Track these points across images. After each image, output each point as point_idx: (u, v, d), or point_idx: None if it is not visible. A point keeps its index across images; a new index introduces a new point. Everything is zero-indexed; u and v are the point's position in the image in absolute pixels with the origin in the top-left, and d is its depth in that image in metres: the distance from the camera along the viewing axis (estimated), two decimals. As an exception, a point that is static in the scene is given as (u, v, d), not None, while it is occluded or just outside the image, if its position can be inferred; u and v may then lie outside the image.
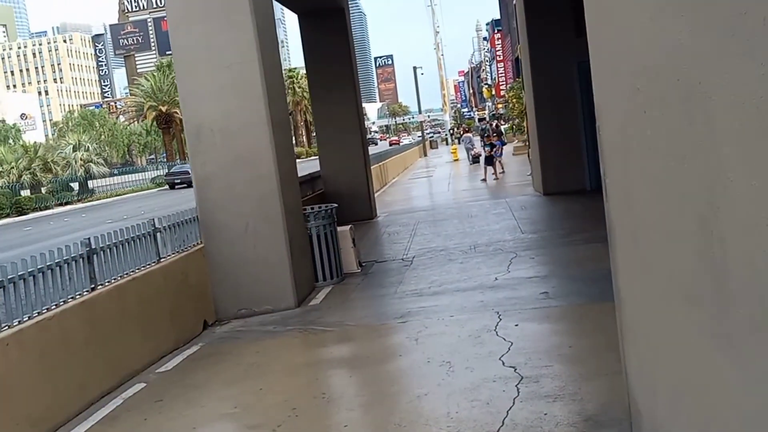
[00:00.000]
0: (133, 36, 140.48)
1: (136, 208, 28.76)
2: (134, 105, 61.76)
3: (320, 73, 13.63)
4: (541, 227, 10.24)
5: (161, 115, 57.60)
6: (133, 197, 42.62)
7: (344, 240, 8.93)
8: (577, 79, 13.23)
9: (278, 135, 7.29)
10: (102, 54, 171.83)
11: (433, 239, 10.46)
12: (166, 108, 56.98)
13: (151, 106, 57.41)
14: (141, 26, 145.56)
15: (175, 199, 29.07)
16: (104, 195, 45.71)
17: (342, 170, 13.81)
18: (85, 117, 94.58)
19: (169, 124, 58.64)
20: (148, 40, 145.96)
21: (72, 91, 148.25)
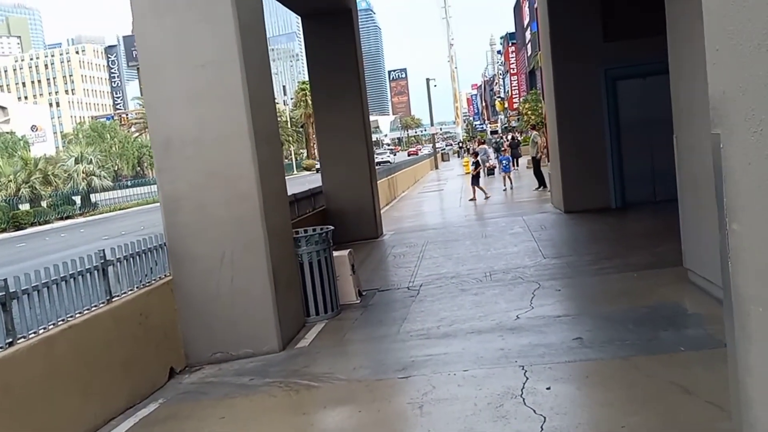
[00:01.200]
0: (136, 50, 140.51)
1: (137, 222, 27.85)
2: (142, 117, 61.20)
3: (324, 80, 12.61)
4: (564, 251, 9.10)
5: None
6: (137, 211, 41.77)
7: (342, 267, 7.84)
8: (604, 86, 12.13)
9: (263, 148, 6.23)
10: (114, 65, 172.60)
11: (443, 263, 9.34)
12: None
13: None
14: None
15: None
16: (107, 209, 44.94)
17: (346, 185, 12.76)
18: (95, 129, 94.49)
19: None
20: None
21: (84, 103, 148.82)
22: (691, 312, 5.51)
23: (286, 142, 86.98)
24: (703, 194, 5.79)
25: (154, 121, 6.12)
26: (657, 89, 12.24)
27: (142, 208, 44.30)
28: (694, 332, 4.98)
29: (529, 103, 42.82)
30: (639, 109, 12.21)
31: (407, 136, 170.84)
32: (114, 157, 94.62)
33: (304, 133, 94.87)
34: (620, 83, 12.21)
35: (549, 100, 13.27)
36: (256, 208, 6.00)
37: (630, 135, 12.23)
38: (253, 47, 6.35)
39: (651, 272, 7.14)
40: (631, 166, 12.25)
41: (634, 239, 9.21)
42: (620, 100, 12.24)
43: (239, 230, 6.03)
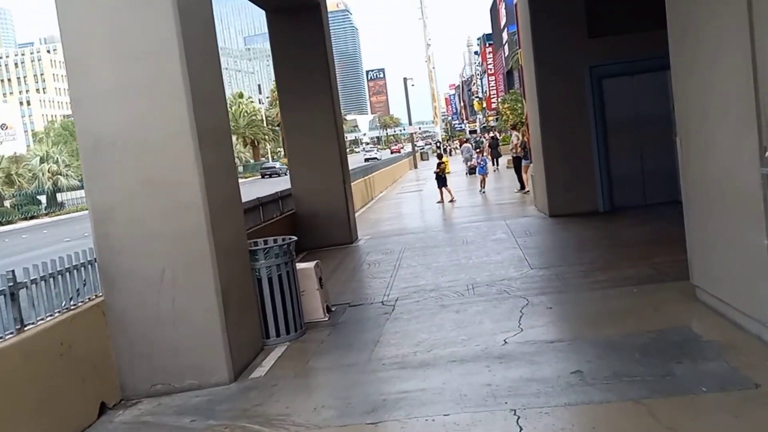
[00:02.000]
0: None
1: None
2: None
3: (292, 78, 11.75)
4: (553, 260, 8.36)
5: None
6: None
7: (307, 280, 7.01)
8: (590, 85, 11.45)
9: (209, 150, 5.38)
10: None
11: (421, 274, 8.55)
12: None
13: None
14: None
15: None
16: (74, 208, 43.45)
17: (317, 187, 11.92)
18: (66, 128, 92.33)
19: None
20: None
21: (56, 102, 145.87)
22: (706, 339, 4.77)
23: (263, 141, 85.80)
24: (717, 203, 5.07)
25: (81, 120, 5.22)
26: (645, 88, 11.63)
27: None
28: (714, 366, 4.24)
29: (509, 103, 42.34)
30: (626, 108, 11.58)
31: (386, 135, 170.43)
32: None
33: (280, 132, 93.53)
34: (606, 81, 11.55)
35: (531, 100, 12.57)
36: (201, 218, 5.14)
37: (617, 135, 11.58)
38: (197, 35, 5.49)
39: (652, 287, 6.42)
40: (619, 168, 11.60)
41: (627, 247, 8.50)
42: (607, 99, 11.58)
43: (181, 244, 5.17)
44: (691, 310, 5.51)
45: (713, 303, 5.35)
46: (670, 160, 11.52)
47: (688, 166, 5.67)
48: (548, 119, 11.71)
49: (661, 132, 11.45)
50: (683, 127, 5.68)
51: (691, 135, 5.52)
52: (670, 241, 8.62)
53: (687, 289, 5.99)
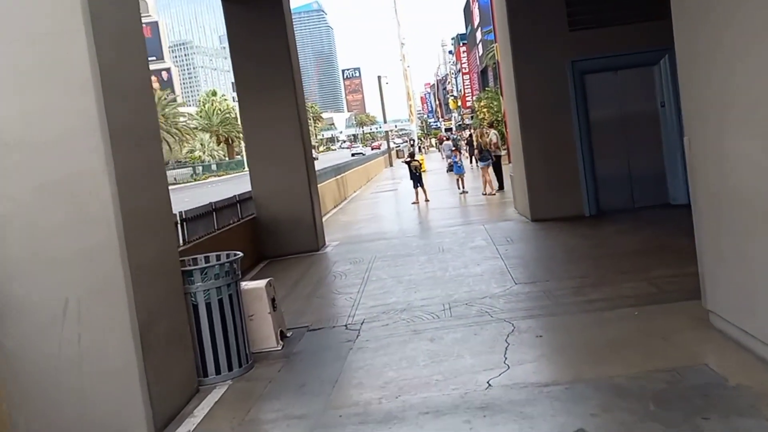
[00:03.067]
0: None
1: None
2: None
3: (251, 71, 10.73)
4: (539, 274, 7.48)
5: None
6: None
7: (257, 303, 6.04)
8: (572, 81, 10.62)
9: (127, 151, 4.39)
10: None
11: (392, 289, 7.62)
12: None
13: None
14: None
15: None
16: None
17: (279, 190, 10.93)
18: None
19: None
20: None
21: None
22: (733, 384, 3.91)
23: (237, 138, 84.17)
24: (741, 217, 4.21)
25: (-39, 112, 4.18)
26: (630, 84, 10.82)
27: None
28: (752, 425, 3.38)
29: (484, 101, 41.64)
30: (611, 106, 10.80)
31: (363, 133, 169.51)
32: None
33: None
34: (589, 77, 10.75)
35: (509, 97, 11.71)
36: (113, 234, 4.14)
37: (602, 134, 10.78)
38: (112, 13, 4.47)
39: (655, 309, 5.56)
40: (605, 169, 10.79)
41: (620, 258, 7.65)
42: (590, 96, 10.78)
43: (88, 267, 4.16)
44: (708, 342, 4.66)
45: (734, 334, 4.50)
46: (659, 162, 10.79)
47: (699, 172, 4.81)
48: (528, 117, 10.86)
49: (649, 132, 10.72)
50: (693, 126, 4.81)
51: (703, 136, 4.65)
52: (665, 250, 7.83)
53: (697, 312, 5.14)
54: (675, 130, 10.44)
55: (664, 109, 10.59)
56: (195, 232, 8.52)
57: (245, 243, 10.39)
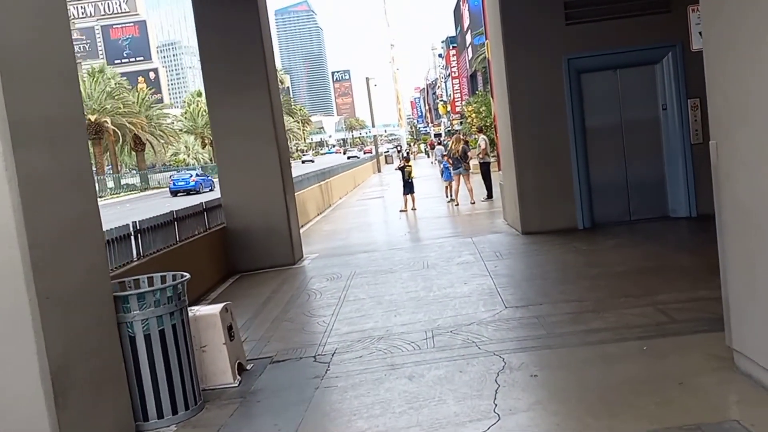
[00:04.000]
0: (79, 43, 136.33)
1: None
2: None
3: (220, 70, 9.96)
4: (531, 295, 6.75)
5: (90, 125, 52.61)
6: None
7: (210, 332, 5.27)
8: (567, 80, 9.93)
9: (36, 152, 3.61)
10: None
11: (370, 311, 6.87)
12: (95, 117, 52.10)
13: (79, 114, 52.27)
14: (88, 33, 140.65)
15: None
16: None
17: (251, 198, 10.16)
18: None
19: (100, 134, 53.77)
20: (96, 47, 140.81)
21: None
22: (775, 450, 3.19)
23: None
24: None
25: None
26: (630, 84, 10.14)
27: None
28: None
29: (473, 105, 41.04)
30: (609, 108, 10.10)
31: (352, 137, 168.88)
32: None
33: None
34: (586, 77, 10.05)
35: (500, 99, 11.02)
36: (16, 257, 3.37)
37: (599, 140, 10.10)
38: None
39: (666, 343, 4.85)
40: (600, 178, 10.11)
41: (620, 279, 6.94)
42: (586, 97, 10.07)
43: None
44: (734, 390, 3.95)
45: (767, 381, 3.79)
46: (659, 170, 10.11)
47: (728, 183, 4.08)
48: (519, 120, 10.15)
49: (649, 137, 10.05)
50: (722, 128, 4.07)
51: (737, 139, 3.92)
52: (670, 269, 7.14)
53: (717, 349, 4.44)
54: (678, 135, 9.78)
55: (666, 112, 9.92)
56: (152, 245, 7.73)
57: (213, 256, 9.62)
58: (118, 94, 56.19)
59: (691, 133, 9.66)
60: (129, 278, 5.03)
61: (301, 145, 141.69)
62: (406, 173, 16.79)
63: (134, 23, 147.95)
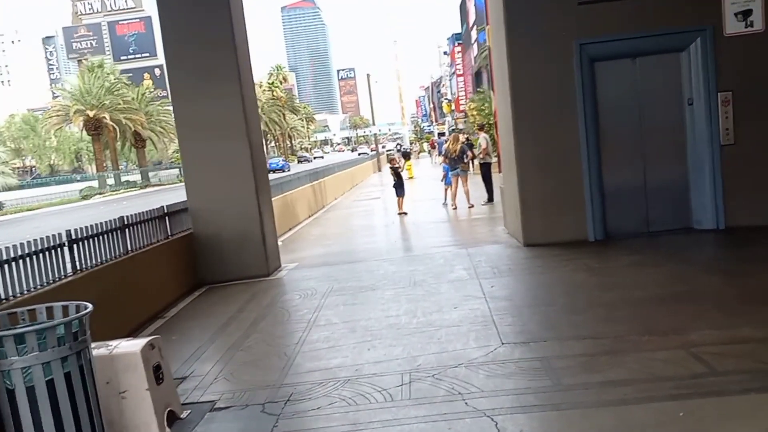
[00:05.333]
0: (86, 39, 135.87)
1: (32, 228, 23.41)
2: (59, 108, 55.34)
3: (183, 56, 8.87)
4: (533, 327, 5.60)
5: (90, 121, 51.65)
6: (47, 212, 37.09)
7: (129, 376, 4.20)
8: (579, 70, 8.77)
9: None
10: (53, 57, 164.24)
11: (340, 342, 5.75)
12: (94, 113, 51.09)
13: (78, 110, 51.34)
14: (95, 29, 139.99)
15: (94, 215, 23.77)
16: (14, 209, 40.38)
17: (220, 201, 9.05)
18: (27, 122, 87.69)
19: (99, 130, 52.77)
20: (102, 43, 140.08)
21: (21, 95, 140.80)
22: None
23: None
24: None
25: None
26: (652, 75, 8.95)
27: (56, 209, 39.57)
28: None
29: (475, 102, 39.85)
30: (626, 102, 8.94)
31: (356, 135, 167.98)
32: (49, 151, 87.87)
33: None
34: (600, 66, 8.85)
35: (501, 92, 9.85)
36: None
37: (614, 139, 8.93)
38: None
39: (708, 406, 3.71)
40: (615, 184, 8.94)
41: (642, 308, 5.78)
42: (600, 90, 8.87)
43: None
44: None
45: None
46: (682, 175, 8.90)
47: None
48: (523, 117, 8.96)
49: (672, 136, 8.88)
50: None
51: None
52: (699, 297, 5.98)
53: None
54: (705, 135, 8.57)
55: (692, 108, 8.72)
56: (94, 257, 6.62)
57: (176, 266, 8.52)
58: (117, 89, 55.15)
59: (721, 132, 8.47)
60: (23, 309, 3.94)
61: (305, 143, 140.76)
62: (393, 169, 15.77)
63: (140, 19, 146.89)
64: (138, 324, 7.08)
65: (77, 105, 51.74)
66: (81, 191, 48.73)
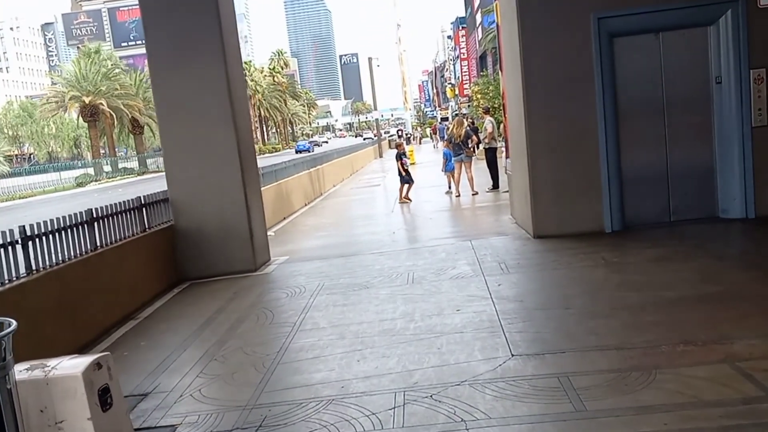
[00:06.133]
0: (86, 26, 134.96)
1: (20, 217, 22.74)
2: (55, 95, 54.50)
3: (163, 34, 8.12)
4: (548, 335, 4.87)
5: (86, 107, 50.85)
6: (40, 200, 36.47)
7: (68, 404, 3.50)
8: (597, 46, 7.98)
9: None
10: (52, 44, 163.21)
11: (326, 350, 5.04)
12: (90, 99, 50.28)
13: (74, 96, 50.52)
14: (95, 16, 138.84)
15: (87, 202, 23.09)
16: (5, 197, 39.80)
17: (203, 191, 8.33)
18: (25, 109, 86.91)
19: (96, 116, 51.98)
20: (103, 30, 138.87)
21: (19, 82, 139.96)
22: None
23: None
24: None
25: None
26: (677, 51, 8.05)
27: (49, 196, 38.94)
28: None
29: (479, 86, 38.92)
30: (648, 80, 8.15)
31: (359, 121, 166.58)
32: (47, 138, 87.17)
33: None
34: (620, 41, 8.07)
35: (511, 71, 9.07)
36: None
37: (634, 121, 8.16)
38: None
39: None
40: (634, 169, 8.18)
41: (673, 311, 5.04)
42: (620, 67, 8.08)
43: None
44: None
45: None
46: (707, 159, 8.11)
47: None
48: (535, 96, 8.18)
49: (697, 117, 8.10)
50: None
51: None
52: (738, 297, 5.23)
53: None
54: (734, 115, 7.78)
55: (720, 86, 7.92)
56: (55, 254, 5.91)
57: (155, 261, 7.83)
58: (114, 75, 54.27)
59: (753, 112, 7.67)
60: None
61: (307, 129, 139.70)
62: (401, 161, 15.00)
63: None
64: (105, 327, 6.38)
65: (72, 91, 50.89)
66: (76, 178, 48.03)
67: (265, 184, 13.54)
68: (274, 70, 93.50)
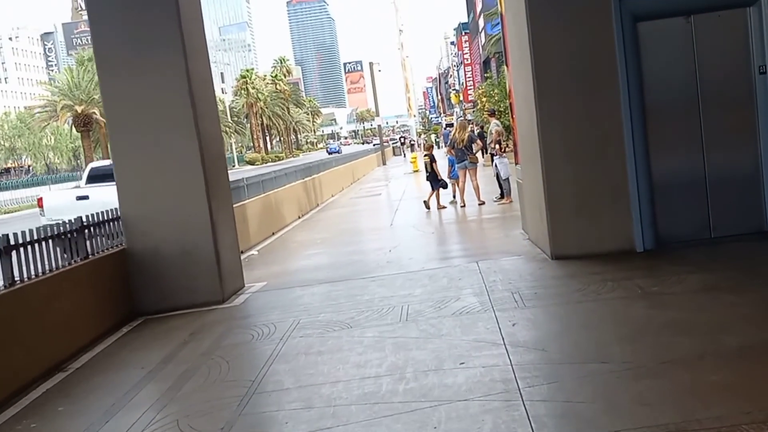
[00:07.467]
0: (87, 35, 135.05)
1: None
2: (47, 104, 53.48)
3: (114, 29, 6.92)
4: (583, 407, 3.59)
5: (78, 117, 49.83)
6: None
7: None
8: (619, 32, 6.73)
9: None
10: (52, 53, 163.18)
11: (287, 426, 3.78)
12: (83, 108, 49.24)
13: (66, 105, 49.49)
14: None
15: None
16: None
17: (161, 208, 7.10)
18: (22, 120, 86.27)
19: (89, 126, 50.94)
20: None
21: (18, 93, 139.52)
22: None
23: (225, 133, 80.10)
24: None
25: None
26: (712, 37, 6.85)
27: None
28: None
29: (483, 88, 37.72)
30: (680, 72, 6.90)
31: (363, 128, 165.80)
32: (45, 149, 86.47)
33: (247, 124, 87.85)
34: (646, 27, 6.83)
35: (519, 66, 7.83)
36: None
37: (665, 120, 6.92)
38: None
39: None
40: (667, 176, 6.92)
41: (740, 367, 3.75)
42: (646, 57, 6.85)
43: None
44: None
45: None
46: (751, 162, 6.83)
47: None
48: (548, 94, 6.93)
49: (738, 113, 6.84)
50: None
51: None
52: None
53: None
54: (785, 109, 6.52)
55: (764, 77, 6.66)
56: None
57: (100, 294, 6.59)
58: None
59: (809, 107, 6.42)
60: None
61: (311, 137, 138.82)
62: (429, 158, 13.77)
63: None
64: (24, 384, 5.11)
65: (65, 100, 49.87)
66: (74, 189, 47.09)
67: (251, 196, 12.34)
68: (276, 78, 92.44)
